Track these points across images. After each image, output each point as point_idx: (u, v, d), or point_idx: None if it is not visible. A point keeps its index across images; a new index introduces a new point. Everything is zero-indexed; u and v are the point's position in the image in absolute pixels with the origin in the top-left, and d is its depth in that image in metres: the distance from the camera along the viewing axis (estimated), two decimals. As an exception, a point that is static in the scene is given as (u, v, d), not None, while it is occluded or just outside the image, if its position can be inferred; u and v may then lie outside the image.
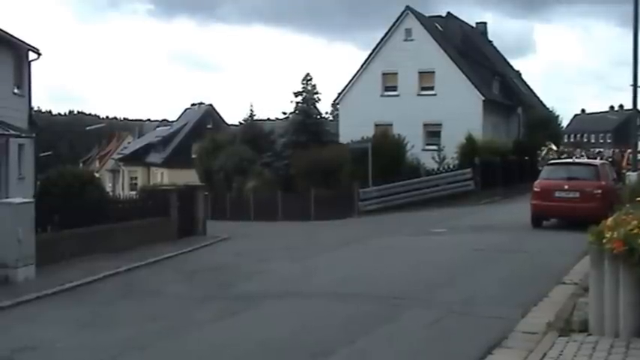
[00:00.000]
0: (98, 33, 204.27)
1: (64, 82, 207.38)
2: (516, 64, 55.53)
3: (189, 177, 42.50)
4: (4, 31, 24.68)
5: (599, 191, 18.36)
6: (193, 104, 77.84)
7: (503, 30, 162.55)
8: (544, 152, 32.33)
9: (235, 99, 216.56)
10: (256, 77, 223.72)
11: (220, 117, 72.62)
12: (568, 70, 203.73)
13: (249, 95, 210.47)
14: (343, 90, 45.12)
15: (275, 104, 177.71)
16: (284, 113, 46.68)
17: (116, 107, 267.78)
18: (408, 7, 43.82)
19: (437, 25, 47.17)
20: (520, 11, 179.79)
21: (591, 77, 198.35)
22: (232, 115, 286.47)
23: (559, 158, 30.38)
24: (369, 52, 45.51)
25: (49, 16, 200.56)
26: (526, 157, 37.57)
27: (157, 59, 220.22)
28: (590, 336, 7.10)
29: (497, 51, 57.54)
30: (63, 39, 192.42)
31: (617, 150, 41.16)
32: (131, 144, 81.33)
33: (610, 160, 32.28)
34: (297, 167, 37.58)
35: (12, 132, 24.26)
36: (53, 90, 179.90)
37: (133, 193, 31.29)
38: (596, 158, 30.75)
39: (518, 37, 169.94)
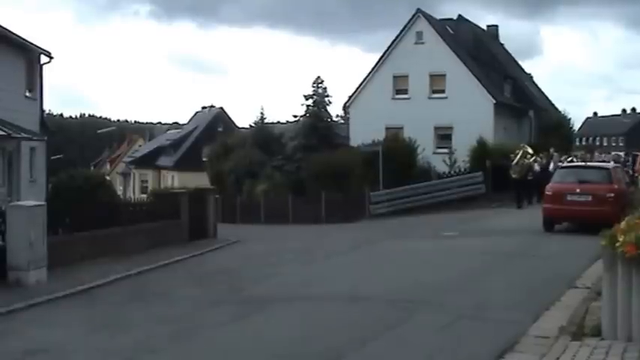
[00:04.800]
0: (100, 35, 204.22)
1: (73, 85, 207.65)
2: (523, 66, 55.49)
3: (199, 180, 42.54)
4: (16, 35, 24.83)
5: (612, 195, 18.25)
6: (204, 107, 77.91)
7: (508, 32, 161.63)
8: (518, 157, 29.26)
9: (242, 101, 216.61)
10: (261, 79, 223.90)
11: (231, 120, 72.67)
12: (576, 73, 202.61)
13: (256, 98, 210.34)
14: (354, 93, 45.08)
15: (283, 107, 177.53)
16: (294, 116, 46.77)
17: (127, 110, 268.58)
18: (419, 10, 43.74)
19: (448, 27, 47.07)
20: (526, 13, 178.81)
21: (600, 80, 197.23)
22: (242, 118, 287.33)
23: (545, 164, 29.25)
24: (373, 54, 45.93)
25: (50, 17, 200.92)
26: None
27: (160, 62, 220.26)
28: (602, 340, 7.06)
29: (509, 54, 57.37)
30: (65, 41, 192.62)
31: (616, 153, 40.52)
32: (142, 147, 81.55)
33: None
34: (307, 170, 37.59)
35: (24, 135, 24.37)
36: (63, 93, 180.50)
37: (144, 196, 31.32)
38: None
39: (525, 39, 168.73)
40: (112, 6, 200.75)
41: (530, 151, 29.89)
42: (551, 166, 27.86)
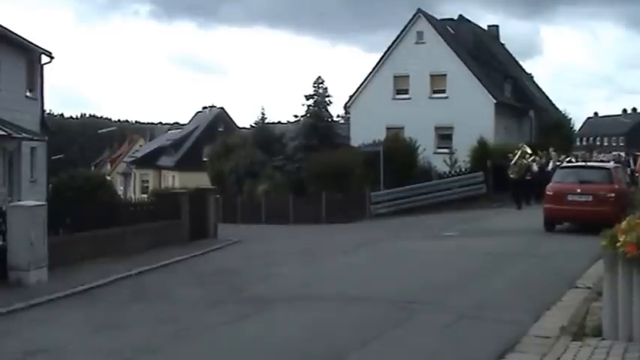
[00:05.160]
0: (100, 35, 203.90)
1: (73, 85, 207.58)
2: (523, 66, 55.29)
3: (200, 180, 42.55)
4: (17, 35, 24.84)
5: (612, 195, 18.25)
6: (204, 107, 77.90)
7: (508, 32, 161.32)
8: (516, 157, 28.62)
9: (243, 102, 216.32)
10: (262, 79, 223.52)
11: (231, 120, 72.69)
12: (577, 73, 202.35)
13: (257, 98, 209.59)
14: (354, 93, 45.07)
15: (283, 107, 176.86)
16: (295, 116, 46.78)
17: (128, 110, 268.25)
18: (419, 10, 43.72)
19: (449, 27, 47.04)
20: (526, 13, 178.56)
21: (601, 80, 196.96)
22: (243, 118, 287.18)
23: (544, 164, 28.95)
24: (373, 54, 45.79)
25: (50, 16, 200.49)
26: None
27: (161, 62, 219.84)
28: (603, 340, 7.06)
29: (510, 54, 57.36)
30: (66, 41, 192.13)
31: (617, 153, 40.36)
32: (143, 147, 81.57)
33: None
34: (308, 170, 37.58)
35: (24, 135, 24.37)
36: (64, 93, 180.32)
37: (145, 196, 31.34)
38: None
39: (525, 39, 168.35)
40: (112, 5, 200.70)
41: (528, 151, 29.64)
42: (550, 166, 27.72)
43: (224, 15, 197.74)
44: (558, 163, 27.11)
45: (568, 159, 29.05)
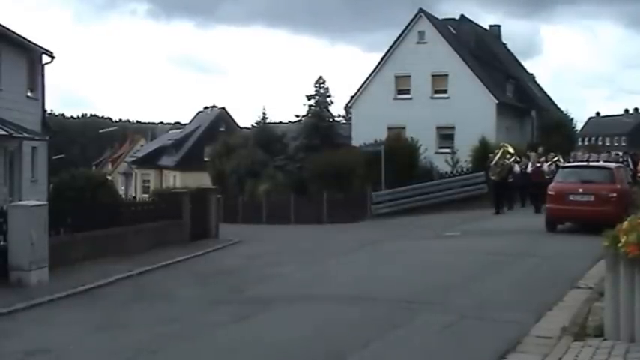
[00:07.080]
0: (98, 34, 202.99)
1: (74, 85, 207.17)
2: (524, 66, 55.12)
3: (201, 180, 42.60)
4: (18, 35, 24.84)
5: (614, 195, 18.20)
6: (206, 107, 77.89)
7: (508, 32, 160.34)
8: (497, 156, 27.62)
9: (244, 102, 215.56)
10: (262, 79, 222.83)
11: (233, 120, 72.69)
12: (577, 73, 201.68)
13: (258, 98, 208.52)
14: (356, 93, 45.06)
15: (284, 107, 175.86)
16: (297, 116, 46.81)
17: (129, 110, 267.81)
18: (421, 10, 43.76)
19: (450, 27, 47.06)
20: (525, 13, 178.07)
21: (601, 80, 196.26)
22: (244, 118, 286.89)
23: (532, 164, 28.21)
24: (373, 54, 45.77)
25: (50, 16, 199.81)
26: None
27: (160, 61, 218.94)
28: (605, 341, 7.04)
29: (511, 53, 57.34)
30: (65, 40, 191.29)
31: (616, 153, 39.91)
32: (144, 147, 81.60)
33: None
34: (309, 170, 37.59)
35: (25, 135, 24.37)
36: (64, 94, 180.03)
37: (146, 196, 31.34)
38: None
39: (524, 39, 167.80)
40: (110, 5, 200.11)
41: (511, 150, 28.55)
42: (529, 167, 27.11)
43: (222, 14, 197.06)
44: (538, 165, 26.77)
45: (556, 159, 28.41)
